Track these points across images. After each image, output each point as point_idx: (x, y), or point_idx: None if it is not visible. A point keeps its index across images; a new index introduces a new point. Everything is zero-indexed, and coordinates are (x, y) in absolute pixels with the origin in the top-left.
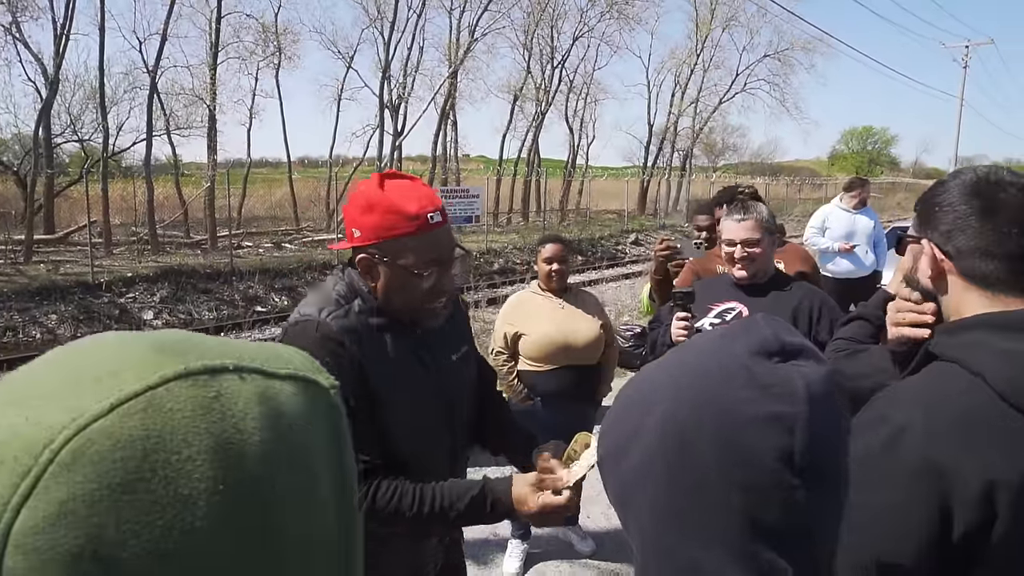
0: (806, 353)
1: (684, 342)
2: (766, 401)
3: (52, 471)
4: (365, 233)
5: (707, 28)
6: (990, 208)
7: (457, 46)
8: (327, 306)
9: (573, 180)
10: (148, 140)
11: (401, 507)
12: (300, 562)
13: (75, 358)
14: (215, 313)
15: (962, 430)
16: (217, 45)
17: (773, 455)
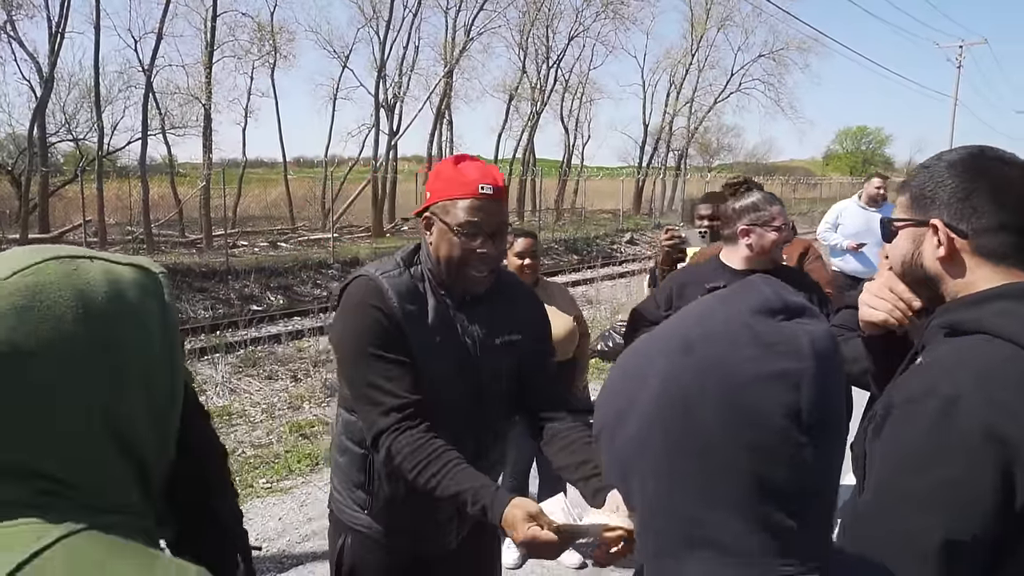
0: (808, 312)
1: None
2: (771, 359)
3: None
4: (433, 194)
5: (702, 28)
6: (1000, 184)
7: (453, 45)
8: (385, 266)
9: (568, 180)
10: (143, 139)
11: (407, 460)
12: (138, 376)
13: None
14: (211, 312)
15: (1018, 396)
16: (212, 44)
17: (780, 412)
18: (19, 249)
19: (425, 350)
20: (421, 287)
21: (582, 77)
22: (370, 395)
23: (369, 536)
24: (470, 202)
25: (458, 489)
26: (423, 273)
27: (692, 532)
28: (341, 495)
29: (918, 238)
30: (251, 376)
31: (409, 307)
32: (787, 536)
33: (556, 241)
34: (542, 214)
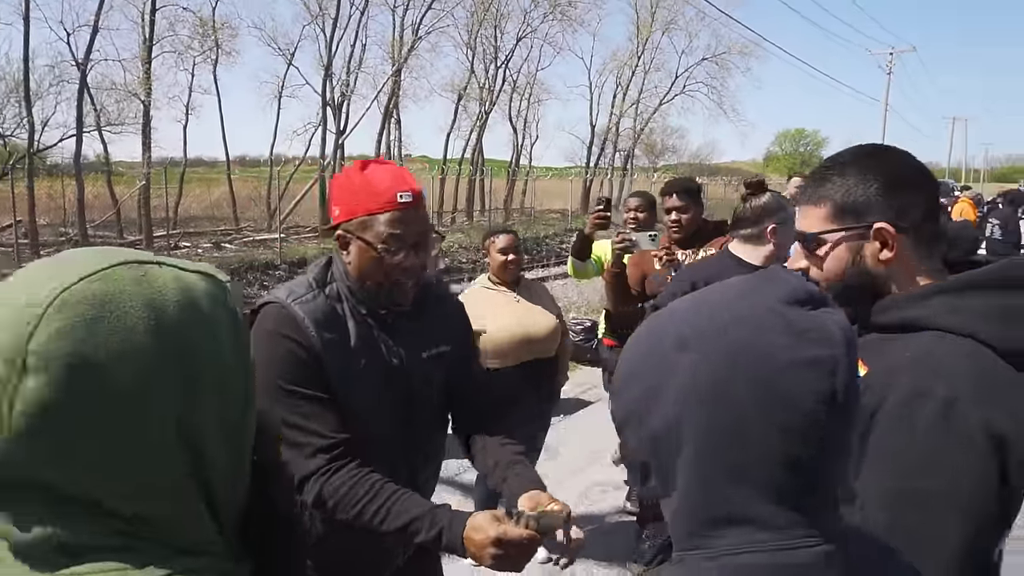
0: (829, 301)
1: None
2: (804, 346)
3: (49, 311)
4: (343, 210)
5: (647, 31)
6: (912, 175)
7: (400, 44)
8: (296, 290)
9: (517, 180)
10: (78, 136)
11: (345, 501)
12: (211, 387)
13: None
14: None
15: (1000, 390)
16: (151, 38)
17: (813, 398)
18: (82, 250)
19: (348, 379)
20: (339, 308)
21: (530, 78)
22: (289, 436)
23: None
24: (390, 215)
25: (409, 518)
26: (339, 292)
27: (726, 509)
28: None
29: (856, 245)
30: None
31: (327, 335)
32: (811, 511)
33: None
34: (491, 214)
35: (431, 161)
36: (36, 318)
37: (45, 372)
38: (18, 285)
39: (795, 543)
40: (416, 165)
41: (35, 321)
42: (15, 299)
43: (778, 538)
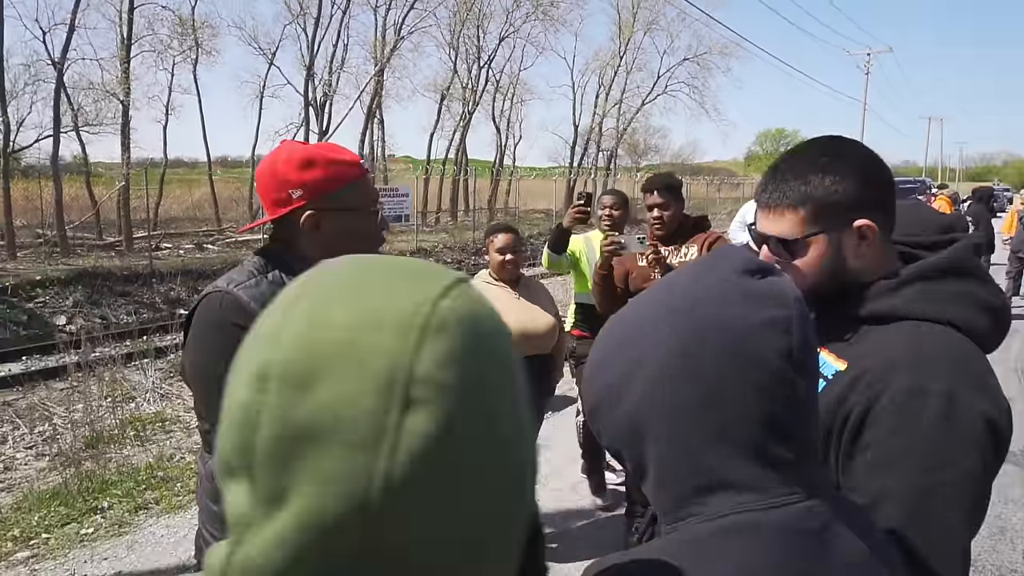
0: (776, 270)
1: (664, 280)
2: (762, 309)
3: (431, 333)
4: (308, 190)
5: (629, 31)
6: (887, 170)
7: (383, 44)
8: (237, 277)
9: (501, 180)
10: (55, 136)
11: None
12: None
13: (378, 266)
14: (134, 316)
15: (984, 377)
16: (130, 38)
17: (776, 355)
18: (390, 263)
19: None
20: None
21: (513, 77)
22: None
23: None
24: (367, 181)
25: None
26: (283, 279)
27: (708, 477)
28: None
29: (833, 243)
30: (183, 382)
31: None
32: (790, 469)
33: None
34: (475, 214)
35: (415, 161)
36: (414, 340)
37: (433, 406)
38: (360, 300)
39: (779, 501)
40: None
41: (413, 345)
42: (379, 315)
43: (761, 498)
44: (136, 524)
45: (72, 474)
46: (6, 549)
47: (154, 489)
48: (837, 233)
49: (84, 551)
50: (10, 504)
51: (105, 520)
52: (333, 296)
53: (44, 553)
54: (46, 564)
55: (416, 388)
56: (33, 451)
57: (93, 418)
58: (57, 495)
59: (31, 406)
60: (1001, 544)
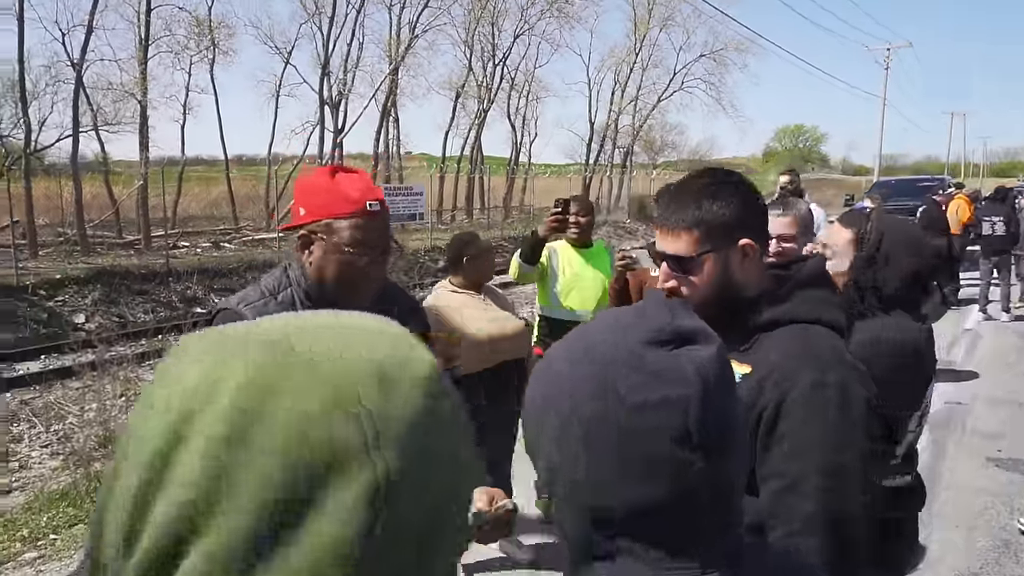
0: (702, 336)
1: (583, 326)
2: (656, 386)
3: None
4: (309, 212)
5: (645, 27)
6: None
7: (398, 42)
8: (248, 296)
9: (516, 177)
10: (75, 136)
11: None
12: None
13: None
14: (151, 315)
15: (859, 367)
16: (147, 38)
17: (667, 436)
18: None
19: None
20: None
21: (528, 75)
22: None
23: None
24: (358, 220)
25: None
26: (293, 298)
27: (600, 548)
28: None
29: (722, 260)
30: None
31: None
32: (687, 542)
33: (506, 239)
34: (490, 212)
35: (430, 159)
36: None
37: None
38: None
39: (667, 572)
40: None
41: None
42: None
43: (652, 571)
44: None
45: (81, 475)
46: (15, 550)
47: None
48: (725, 251)
49: None
50: (21, 504)
51: None
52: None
53: (51, 554)
54: (52, 565)
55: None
56: (48, 450)
57: (106, 417)
58: (66, 496)
59: (47, 405)
60: (1005, 557)
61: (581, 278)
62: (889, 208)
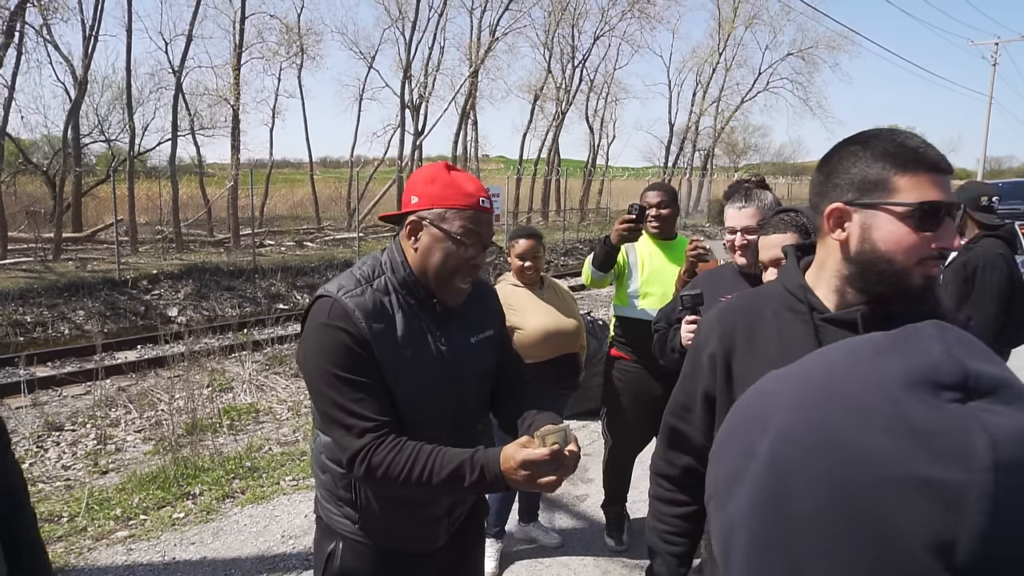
0: (1003, 391)
1: (819, 350)
2: (921, 458)
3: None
4: (423, 200)
5: (730, 26)
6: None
7: (478, 46)
8: (347, 285)
9: (593, 179)
10: (173, 140)
11: (392, 468)
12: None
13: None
14: (238, 310)
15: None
16: (241, 45)
17: (923, 541)
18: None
19: (398, 369)
20: (386, 301)
21: (607, 77)
22: (340, 418)
23: (361, 543)
24: (473, 213)
25: (455, 464)
26: (387, 286)
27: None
28: (329, 505)
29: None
30: (278, 374)
31: (376, 326)
32: None
33: (581, 241)
34: (567, 214)
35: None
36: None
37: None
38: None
39: None
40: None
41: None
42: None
43: None
44: (222, 512)
45: (170, 460)
46: (108, 528)
47: (241, 479)
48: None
49: (175, 535)
50: (115, 485)
51: (195, 506)
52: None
53: (140, 534)
54: (141, 544)
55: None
56: (141, 435)
57: (194, 406)
58: (156, 479)
59: (142, 392)
60: None
61: (662, 274)
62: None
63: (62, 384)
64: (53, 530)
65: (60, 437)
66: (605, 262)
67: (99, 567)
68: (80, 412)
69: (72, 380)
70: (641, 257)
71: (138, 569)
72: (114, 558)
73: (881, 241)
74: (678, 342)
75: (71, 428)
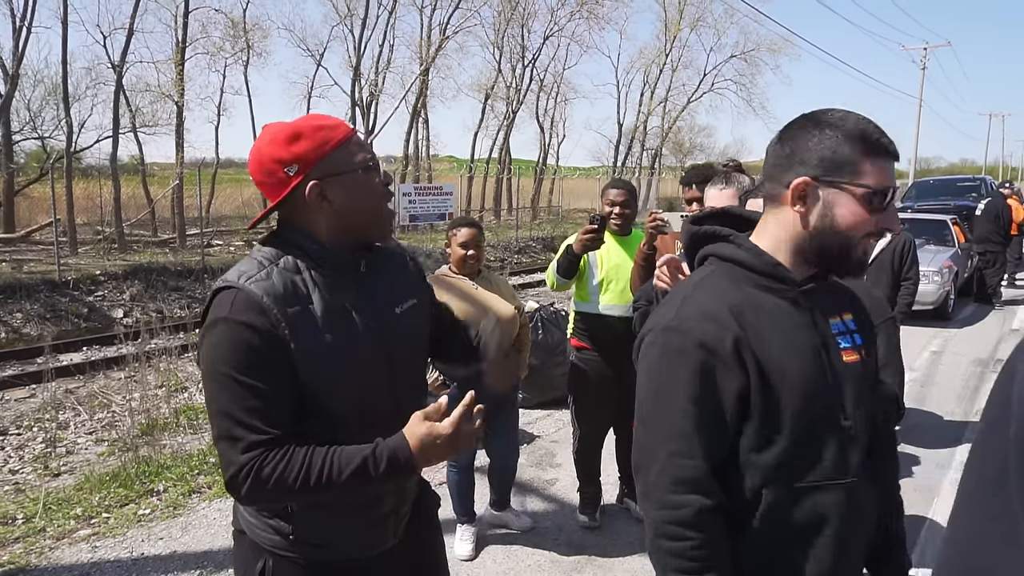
0: None
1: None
2: None
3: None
4: (303, 162)
5: (675, 28)
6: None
7: (428, 44)
8: (248, 270)
9: (544, 179)
10: (115, 137)
11: (284, 478)
12: None
13: None
14: (187, 311)
15: None
16: (185, 40)
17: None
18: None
19: (322, 354)
20: (298, 281)
21: (557, 76)
22: (226, 429)
23: (294, 560)
24: (354, 138)
25: (356, 463)
26: (296, 264)
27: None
28: (252, 519)
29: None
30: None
31: (291, 310)
32: None
33: (534, 239)
34: (518, 213)
35: (458, 161)
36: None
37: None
38: None
39: None
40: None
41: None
42: None
43: None
44: (190, 507)
45: (130, 458)
46: (69, 527)
47: (207, 474)
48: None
49: (142, 531)
50: (72, 485)
51: (161, 502)
52: None
53: (104, 531)
54: (107, 542)
55: None
56: (93, 436)
57: (149, 406)
58: (116, 477)
59: (91, 394)
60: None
61: (621, 269)
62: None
63: (4, 387)
64: (9, 531)
65: (5, 441)
66: (569, 269)
67: (63, 565)
68: (25, 416)
69: (15, 383)
70: (600, 255)
71: (105, 566)
72: (78, 556)
73: (841, 217)
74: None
75: (16, 432)
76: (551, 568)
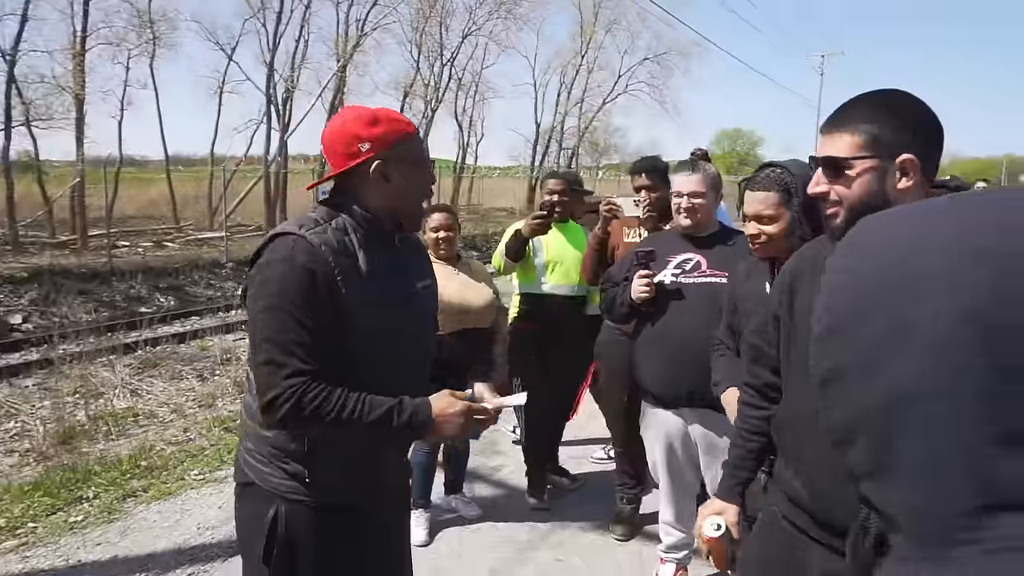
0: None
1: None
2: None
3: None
4: (376, 143)
5: (591, 30)
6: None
7: (345, 40)
8: (307, 223)
9: (464, 178)
10: (7, 131)
11: (321, 408)
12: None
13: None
14: (94, 315)
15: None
16: (85, 29)
17: None
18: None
19: (363, 304)
20: (347, 241)
21: (475, 75)
22: (273, 355)
23: (306, 502)
24: (418, 138)
25: (385, 408)
26: (346, 226)
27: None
28: (265, 468)
29: (882, 173)
30: (153, 377)
31: (345, 261)
32: None
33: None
34: None
35: None
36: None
37: None
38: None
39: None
40: None
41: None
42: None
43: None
44: (126, 511)
45: (53, 466)
46: None
47: (140, 478)
48: (885, 164)
49: (76, 538)
50: None
51: (93, 508)
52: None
53: (34, 541)
54: (38, 551)
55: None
56: (1, 448)
57: (62, 414)
58: (39, 487)
59: None
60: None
61: (563, 252)
62: None
63: None
64: None
65: None
66: (519, 252)
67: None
68: None
69: None
70: (544, 239)
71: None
72: (7, 567)
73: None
74: (628, 296)
75: None
76: (505, 547)
